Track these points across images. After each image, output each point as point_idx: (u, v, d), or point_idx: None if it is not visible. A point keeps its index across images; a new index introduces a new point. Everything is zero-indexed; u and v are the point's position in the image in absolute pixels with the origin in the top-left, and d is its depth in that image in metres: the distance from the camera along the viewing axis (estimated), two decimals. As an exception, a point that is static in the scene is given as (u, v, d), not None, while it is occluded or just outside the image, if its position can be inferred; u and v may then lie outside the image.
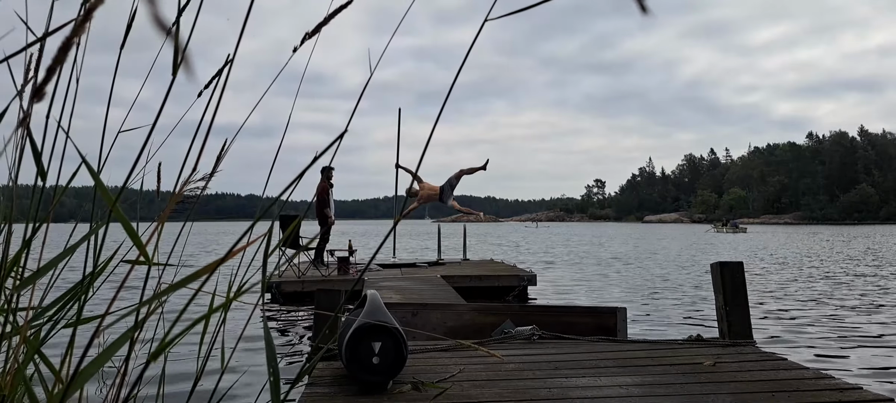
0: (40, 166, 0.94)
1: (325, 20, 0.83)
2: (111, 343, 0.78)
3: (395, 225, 1.25)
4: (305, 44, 0.89)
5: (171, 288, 0.81)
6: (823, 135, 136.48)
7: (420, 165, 0.98)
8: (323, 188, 11.41)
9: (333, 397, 2.78)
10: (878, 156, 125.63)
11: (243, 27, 0.86)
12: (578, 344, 3.86)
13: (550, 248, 28.46)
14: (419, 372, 3.08)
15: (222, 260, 0.79)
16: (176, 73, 0.79)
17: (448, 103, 0.88)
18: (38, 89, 0.61)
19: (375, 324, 2.81)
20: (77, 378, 0.79)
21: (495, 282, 9.99)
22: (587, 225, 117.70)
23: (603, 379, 3.04)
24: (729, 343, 3.78)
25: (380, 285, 8.26)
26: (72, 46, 0.59)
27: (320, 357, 3.16)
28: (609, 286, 12.58)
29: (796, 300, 10.23)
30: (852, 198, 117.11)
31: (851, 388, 2.85)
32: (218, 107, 0.93)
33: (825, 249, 25.94)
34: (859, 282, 12.84)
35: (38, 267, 1.00)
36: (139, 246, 0.86)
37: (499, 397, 2.76)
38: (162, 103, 0.93)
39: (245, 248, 0.89)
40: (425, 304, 4.61)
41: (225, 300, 1.01)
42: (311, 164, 0.94)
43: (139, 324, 0.90)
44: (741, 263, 3.96)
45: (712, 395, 2.75)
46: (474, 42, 0.83)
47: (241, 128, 1.08)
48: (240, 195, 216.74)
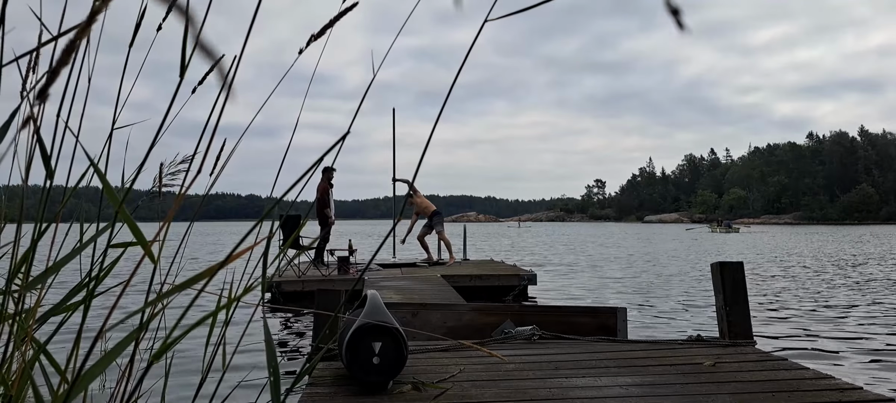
0: (49, 167, 0.95)
1: (331, 22, 0.84)
2: (116, 344, 0.79)
3: (395, 226, 1.26)
4: (310, 46, 0.89)
5: (175, 288, 0.82)
6: (824, 135, 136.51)
7: (420, 165, 0.99)
8: (323, 188, 11.43)
9: (334, 397, 2.78)
10: (879, 156, 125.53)
11: (250, 28, 0.87)
12: (578, 344, 3.87)
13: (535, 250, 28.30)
14: (419, 372, 3.09)
15: (226, 261, 0.79)
16: (183, 76, 0.80)
17: (448, 103, 0.89)
18: (42, 90, 0.61)
19: (376, 324, 2.81)
20: (82, 378, 0.80)
21: (495, 282, 10.00)
22: (579, 225, 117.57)
23: (603, 379, 3.04)
24: (729, 343, 3.78)
25: (380, 285, 8.26)
26: (76, 49, 0.59)
27: (320, 357, 3.17)
28: (601, 288, 12.59)
29: (791, 298, 10.23)
30: (852, 198, 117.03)
31: (851, 388, 2.86)
32: (224, 108, 0.94)
33: (814, 248, 26.09)
34: (858, 282, 12.84)
35: (46, 267, 1.01)
36: (144, 246, 0.87)
37: (499, 397, 2.77)
38: (168, 106, 0.93)
39: (251, 249, 0.89)
40: (425, 304, 4.61)
41: (227, 301, 1.01)
42: (314, 165, 0.95)
43: (143, 325, 0.91)
44: (741, 263, 3.97)
45: (712, 395, 2.76)
46: (474, 42, 0.84)
47: (246, 130, 1.08)
48: (240, 195, 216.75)
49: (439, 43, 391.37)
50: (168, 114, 0.91)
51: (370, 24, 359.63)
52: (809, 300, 10.25)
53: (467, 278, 9.93)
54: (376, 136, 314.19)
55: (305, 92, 1.07)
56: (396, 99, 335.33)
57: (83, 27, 0.60)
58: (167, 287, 0.91)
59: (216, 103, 0.89)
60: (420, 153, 0.97)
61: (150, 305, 0.86)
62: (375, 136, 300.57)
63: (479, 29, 0.81)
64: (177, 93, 0.88)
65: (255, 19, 0.87)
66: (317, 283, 8.80)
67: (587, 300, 10.35)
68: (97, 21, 0.60)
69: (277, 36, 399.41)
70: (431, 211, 11.95)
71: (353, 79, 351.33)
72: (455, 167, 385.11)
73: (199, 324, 0.97)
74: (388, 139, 18.64)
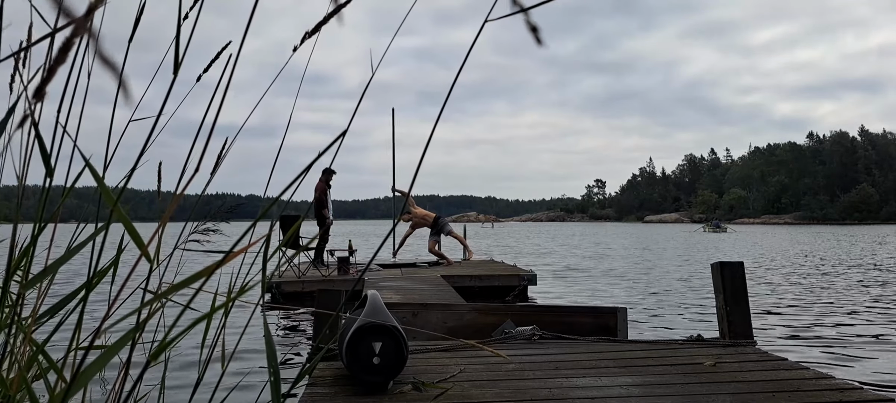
0: (48, 166, 0.94)
1: (325, 19, 0.83)
2: (113, 344, 0.78)
3: (395, 226, 1.26)
4: (306, 43, 0.89)
5: (172, 288, 0.81)
6: (824, 135, 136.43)
7: (420, 167, 0.98)
8: (321, 188, 11.43)
9: (334, 397, 2.78)
10: (879, 155, 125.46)
11: (247, 28, 0.86)
12: (579, 344, 3.86)
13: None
14: (419, 372, 3.08)
15: (223, 260, 0.79)
16: (177, 74, 0.80)
17: (449, 103, 0.88)
18: (38, 89, 0.61)
19: (376, 324, 2.81)
20: (79, 378, 0.80)
21: (495, 282, 9.99)
22: (576, 224, 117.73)
23: (603, 379, 3.04)
24: (729, 343, 3.78)
25: (380, 285, 8.26)
26: (72, 46, 0.59)
27: (321, 358, 3.16)
28: (598, 287, 12.59)
29: (785, 297, 10.23)
30: (853, 198, 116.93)
31: (852, 388, 2.85)
32: (220, 108, 0.94)
33: (798, 247, 26.19)
34: (857, 282, 12.84)
35: (44, 267, 1.00)
36: (141, 246, 0.87)
37: (499, 397, 2.76)
38: (162, 103, 0.93)
39: (246, 250, 0.89)
40: (425, 304, 4.61)
41: (225, 300, 1.01)
42: (312, 164, 0.94)
43: (140, 325, 0.90)
44: (741, 263, 3.96)
45: (713, 395, 2.76)
46: (475, 42, 0.83)
47: (241, 128, 1.08)
48: (240, 195, 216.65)
49: (439, 43, 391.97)
50: (161, 112, 0.91)
51: (370, 23, 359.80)
52: (791, 296, 10.24)
53: (467, 278, 9.93)
54: (376, 136, 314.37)
55: (297, 89, 1.07)
56: (396, 99, 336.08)
57: (80, 23, 0.60)
58: (165, 286, 0.91)
59: (211, 102, 0.88)
60: (420, 153, 0.97)
61: (147, 305, 0.85)
62: (375, 136, 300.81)
63: (479, 29, 0.81)
64: (170, 92, 0.88)
65: (254, 20, 0.87)
66: (317, 283, 8.79)
67: (588, 296, 10.35)
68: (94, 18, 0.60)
69: (278, 36, 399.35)
70: (432, 220, 11.92)
71: (352, 79, 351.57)
72: (455, 167, 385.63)
73: (196, 324, 0.97)
74: (387, 139, 18.63)
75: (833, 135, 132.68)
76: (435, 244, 11.87)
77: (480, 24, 0.80)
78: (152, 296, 0.88)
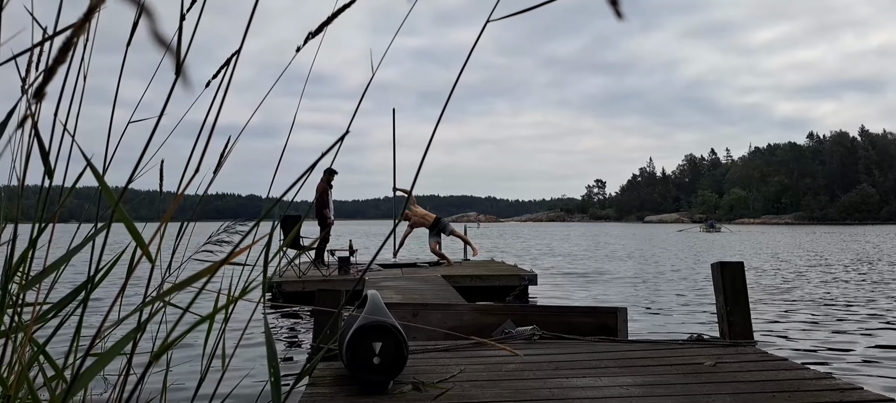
0: (48, 166, 0.94)
1: (328, 20, 0.83)
2: (114, 344, 0.78)
3: (396, 226, 1.26)
4: (308, 44, 0.89)
5: (173, 288, 0.81)
6: (824, 135, 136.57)
7: (421, 168, 0.98)
8: (322, 189, 11.43)
9: (334, 397, 2.78)
10: (879, 155, 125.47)
11: (247, 28, 0.86)
12: (579, 344, 3.86)
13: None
14: (420, 372, 3.08)
15: (224, 260, 0.79)
16: (179, 74, 0.79)
17: (450, 103, 0.88)
18: (39, 89, 0.61)
19: (376, 324, 2.81)
20: (80, 378, 0.80)
21: (496, 282, 9.99)
22: (568, 224, 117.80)
23: (603, 379, 3.04)
24: (729, 343, 3.78)
25: (380, 285, 8.25)
26: (72, 47, 0.59)
27: (321, 357, 3.16)
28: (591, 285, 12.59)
29: (779, 296, 10.23)
30: (853, 198, 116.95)
31: (852, 388, 2.85)
32: (221, 107, 0.94)
33: (787, 246, 26.28)
34: (856, 281, 12.83)
35: (44, 266, 1.00)
36: (142, 246, 0.86)
37: (499, 397, 2.76)
38: (164, 103, 0.93)
39: (249, 249, 0.89)
40: (426, 304, 4.61)
41: (227, 300, 1.01)
42: (314, 165, 0.94)
43: (142, 325, 0.90)
44: (741, 263, 3.96)
45: (713, 395, 2.75)
46: (476, 43, 0.83)
47: (243, 129, 1.08)
48: (240, 195, 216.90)
49: (440, 43, 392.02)
50: (163, 112, 0.91)
51: (371, 24, 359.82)
52: (776, 291, 10.24)
53: (468, 278, 9.92)
54: (377, 136, 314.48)
55: (302, 90, 1.07)
56: (397, 99, 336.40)
57: (80, 24, 0.60)
58: (166, 286, 0.91)
59: (212, 103, 0.88)
60: (421, 153, 0.97)
61: (148, 304, 0.85)
62: (376, 136, 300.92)
63: (480, 29, 0.81)
64: (171, 92, 0.88)
65: (255, 19, 0.87)
66: (317, 284, 8.79)
67: (588, 295, 10.35)
68: (94, 18, 0.60)
69: (280, 36, 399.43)
70: (432, 221, 11.89)
71: (353, 79, 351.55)
72: (456, 167, 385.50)
73: (198, 324, 0.97)
74: (388, 139, 18.67)
75: (833, 135, 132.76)
76: (436, 244, 11.86)
77: (482, 24, 0.80)
78: (153, 296, 0.88)
